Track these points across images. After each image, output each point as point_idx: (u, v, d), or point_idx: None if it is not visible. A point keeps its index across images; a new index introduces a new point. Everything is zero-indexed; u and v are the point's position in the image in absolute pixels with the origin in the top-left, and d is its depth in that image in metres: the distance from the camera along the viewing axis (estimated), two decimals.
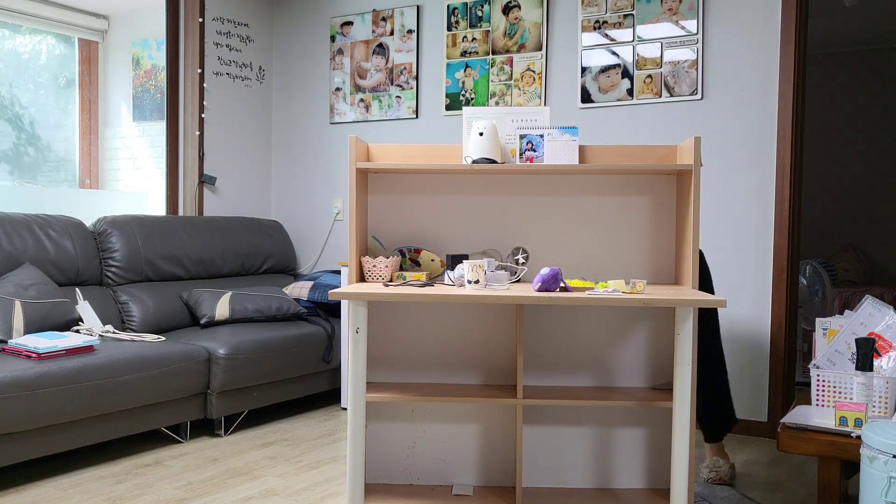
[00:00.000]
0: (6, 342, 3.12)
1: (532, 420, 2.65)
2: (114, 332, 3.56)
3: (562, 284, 2.25)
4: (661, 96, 3.93)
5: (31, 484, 2.92)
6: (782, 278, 3.68)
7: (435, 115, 4.63)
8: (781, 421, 2.27)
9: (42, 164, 4.78)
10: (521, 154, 2.55)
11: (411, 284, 2.39)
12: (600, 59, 4.09)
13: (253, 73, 5.07)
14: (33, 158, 4.74)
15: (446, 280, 2.44)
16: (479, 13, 4.45)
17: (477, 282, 2.26)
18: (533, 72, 4.29)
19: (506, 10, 4.37)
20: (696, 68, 3.84)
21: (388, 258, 2.50)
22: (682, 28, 3.86)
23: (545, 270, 2.22)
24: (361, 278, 2.55)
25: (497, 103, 4.41)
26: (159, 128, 4.94)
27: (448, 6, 4.55)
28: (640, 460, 2.63)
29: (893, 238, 6.74)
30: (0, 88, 4.59)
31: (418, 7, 4.66)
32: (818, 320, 2.53)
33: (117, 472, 3.08)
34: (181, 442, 3.51)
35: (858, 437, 2.12)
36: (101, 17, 5.12)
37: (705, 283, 3.10)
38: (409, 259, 2.64)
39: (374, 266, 2.50)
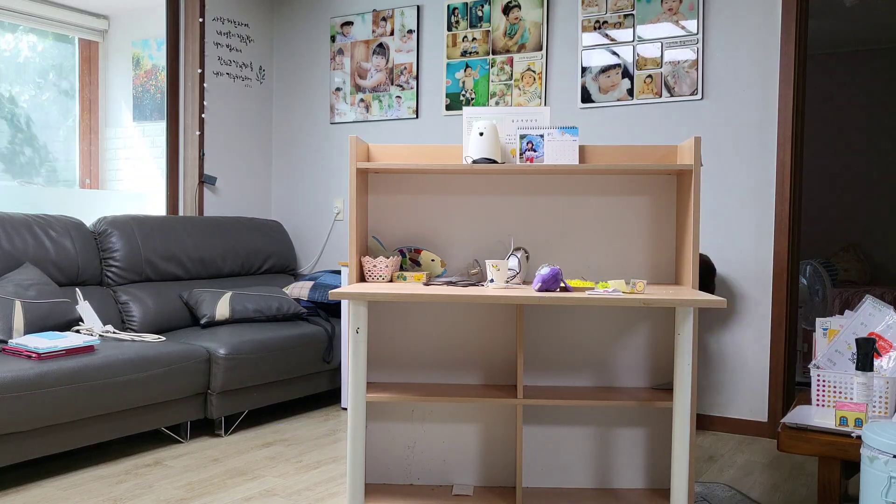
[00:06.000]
0: (6, 342, 3.12)
1: (532, 420, 2.65)
2: (114, 332, 3.56)
3: (562, 284, 2.25)
4: (661, 96, 3.93)
5: (31, 484, 2.92)
6: (782, 278, 3.68)
7: (435, 115, 4.63)
8: (781, 421, 2.27)
9: (39, 165, 4.78)
10: (521, 154, 2.55)
11: (453, 283, 2.39)
12: (600, 59, 4.09)
13: (253, 73, 5.07)
14: (30, 162, 4.74)
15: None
16: (480, 13, 4.45)
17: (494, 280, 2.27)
18: (533, 72, 4.29)
19: (506, 10, 4.37)
20: (696, 68, 3.84)
21: (388, 258, 2.50)
22: (682, 28, 3.86)
23: (545, 270, 2.22)
24: (362, 278, 2.55)
25: (497, 103, 4.41)
26: (159, 128, 4.94)
27: (448, 6, 4.55)
28: (640, 460, 2.63)
29: (893, 238, 6.74)
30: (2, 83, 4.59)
31: (418, 7, 4.66)
32: (818, 320, 2.53)
33: (117, 472, 3.08)
34: (181, 442, 3.51)
35: (859, 437, 2.12)
36: (101, 17, 5.12)
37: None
38: (410, 259, 2.64)
39: (375, 266, 2.50)
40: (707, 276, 3.60)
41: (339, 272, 4.55)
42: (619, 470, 2.64)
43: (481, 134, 2.50)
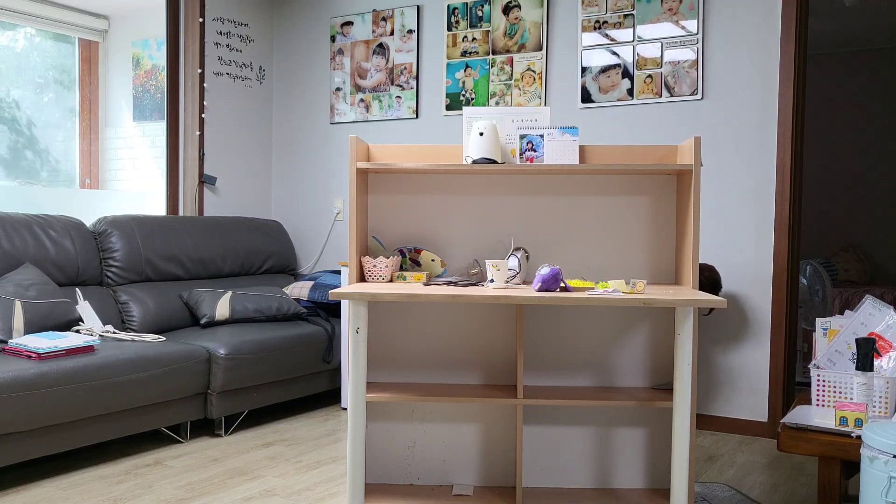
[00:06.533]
0: (6, 342, 3.12)
1: (532, 420, 2.65)
2: (114, 332, 3.56)
3: (562, 284, 2.25)
4: (661, 96, 3.93)
5: (31, 484, 2.92)
6: (782, 278, 3.68)
7: (435, 115, 4.63)
8: (781, 421, 2.28)
9: (40, 167, 4.78)
10: (521, 154, 2.55)
11: (451, 283, 2.39)
12: (600, 59, 4.09)
13: (253, 73, 5.07)
14: (30, 162, 4.74)
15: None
16: (480, 13, 4.45)
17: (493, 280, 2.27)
18: (533, 72, 4.29)
19: (506, 10, 4.37)
20: (696, 68, 3.84)
21: (388, 258, 2.50)
22: (682, 28, 3.86)
23: (545, 270, 2.22)
24: (362, 278, 2.55)
25: (497, 103, 4.41)
26: (159, 128, 4.94)
27: (448, 6, 4.55)
28: (640, 460, 2.63)
29: (893, 238, 6.74)
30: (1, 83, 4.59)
31: (418, 7, 4.66)
32: (818, 320, 2.53)
33: (117, 472, 3.08)
34: (181, 442, 3.51)
35: (859, 437, 2.12)
36: (101, 17, 5.12)
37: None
38: (409, 259, 2.64)
39: (375, 266, 2.50)
40: (712, 291, 3.59)
41: (339, 272, 4.55)
42: (619, 470, 2.64)
43: (481, 134, 2.50)
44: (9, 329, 3.15)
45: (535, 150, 2.54)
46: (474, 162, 2.49)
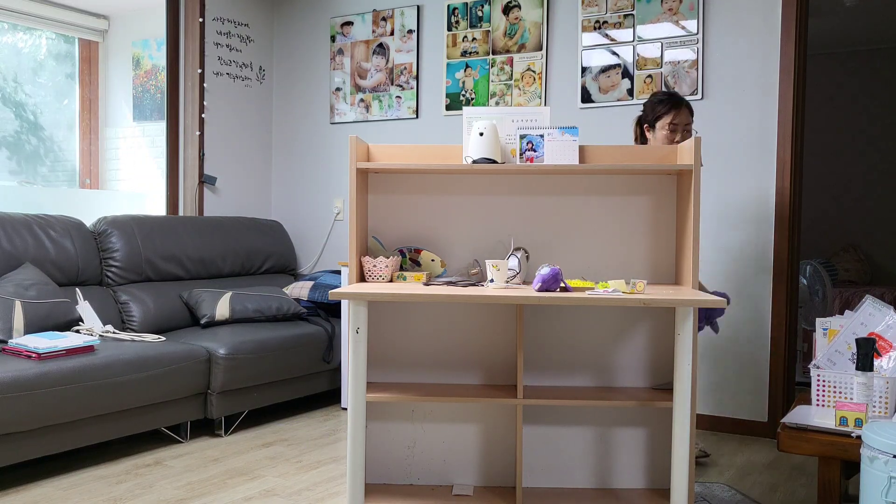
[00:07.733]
0: (6, 342, 3.12)
1: (532, 420, 2.65)
2: (114, 332, 3.56)
3: (562, 284, 2.25)
4: None
5: (31, 484, 2.92)
6: (782, 278, 3.68)
7: (435, 115, 4.63)
8: (781, 421, 2.28)
9: (40, 166, 4.78)
10: (521, 154, 2.55)
11: (450, 283, 2.39)
12: (600, 59, 4.09)
13: (253, 73, 5.07)
14: (31, 161, 4.74)
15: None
16: (480, 13, 4.45)
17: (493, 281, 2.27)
18: (533, 72, 4.29)
19: (506, 10, 4.37)
20: (696, 68, 3.84)
21: (388, 258, 2.50)
22: (683, 28, 3.86)
23: (545, 270, 2.22)
24: (361, 278, 2.55)
25: (497, 103, 4.41)
26: (159, 128, 4.94)
27: (448, 6, 4.55)
28: (640, 460, 2.63)
29: (893, 238, 6.74)
30: (2, 83, 4.59)
31: (418, 7, 4.66)
32: (818, 320, 2.53)
33: (117, 472, 3.08)
34: (181, 442, 3.51)
35: (859, 437, 2.12)
36: (101, 17, 5.12)
37: None
38: (409, 259, 2.64)
39: (375, 266, 2.50)
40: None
41: (339, 272, 4.55)
42: (619, 470, 2.64)
43: (481, 134, 2.50)
44: (9, 329, 3.15)
45: (535, 150, 2.54)
46: (474, 162, 2.49)
